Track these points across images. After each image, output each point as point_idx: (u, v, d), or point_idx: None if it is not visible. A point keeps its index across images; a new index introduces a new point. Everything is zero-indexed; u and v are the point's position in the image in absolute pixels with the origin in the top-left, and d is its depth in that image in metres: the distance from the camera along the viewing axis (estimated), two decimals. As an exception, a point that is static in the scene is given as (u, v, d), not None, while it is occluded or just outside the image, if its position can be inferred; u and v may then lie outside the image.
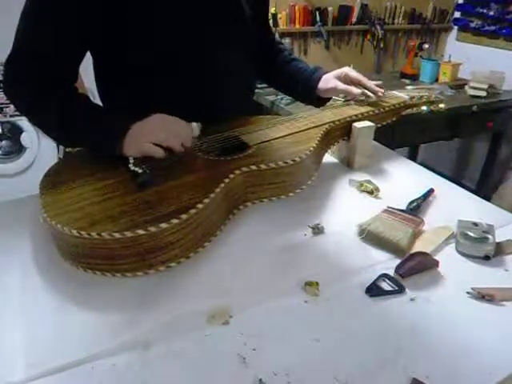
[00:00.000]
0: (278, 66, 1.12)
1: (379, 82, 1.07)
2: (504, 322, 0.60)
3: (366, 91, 1.02)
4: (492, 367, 0.53)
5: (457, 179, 2.85)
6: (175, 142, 0.76)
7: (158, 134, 0.75)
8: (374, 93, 1.03)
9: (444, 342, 0.56)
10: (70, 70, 0.83)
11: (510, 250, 0.73)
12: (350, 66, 2.28)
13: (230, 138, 0.89)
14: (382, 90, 1.04)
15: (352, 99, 1.07)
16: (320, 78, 1.05)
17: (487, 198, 2.40)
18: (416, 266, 0.67)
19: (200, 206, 0.67)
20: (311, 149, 0.85)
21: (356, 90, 1.01)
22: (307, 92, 1.08)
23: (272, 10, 2.25)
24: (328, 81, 1.04)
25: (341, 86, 1.01)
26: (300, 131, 0.92)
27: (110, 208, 0.67)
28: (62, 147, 2.10)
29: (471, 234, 0.73)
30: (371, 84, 1.03)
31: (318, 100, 1.09)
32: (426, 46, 2.46)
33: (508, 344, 0.56)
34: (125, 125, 0.76)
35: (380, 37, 2.59)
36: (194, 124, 0.81)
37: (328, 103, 1.07)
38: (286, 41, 2.32)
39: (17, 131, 2.13)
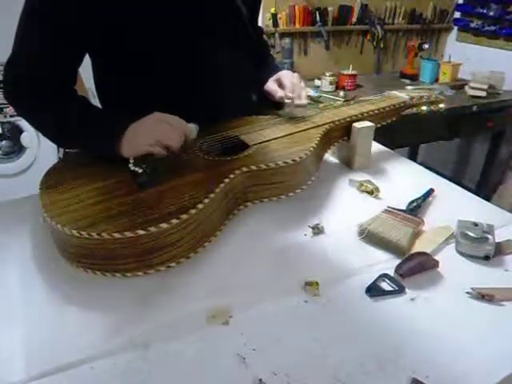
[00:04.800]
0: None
1: (304, 103, 0.96)
2: (504, 321, 0.60)
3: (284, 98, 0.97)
4: (491, 367, 0.53)
5: (457, 179, 2.85)
6: (171, 139, 0.74)
7: (154, 132, 0.74)
8: (290, 99, 0.95)
9: (444, 342, 0.56)
10: (68, 72, 0.83)
11: (509, 250, 0.73)
12: (349, 66, 2.27)
13: (230, 138, 0.89)
14: (304, 102, 0.94)
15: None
16: (266, 81, 1.03)
17: (487, 198, 2.40)
18: (416, 266, 0.67)
19: (200, 206, 0.67)
20: (311, 149, 0.85)
21: (278, 94, 0.97)
22: (262, 94, 1.06)
23: (272, 9, 2.25)
24: (267, 82, 1.03)
25: (269, 87, 1.00)
26: (300, 131, 0.92)
27: (110, 208, 0.67)
28: (62, 147, 2.11)
29: (471, 234, 0.73)
30: (291, 90, 0.95)
31: (273, 103, 1.04)
32: (426, 46, 2.46)
33: (507, 344, 0.56)
34: (122, 125, 0.75)
35: (380, 37, 2.58)
36: (192, 125, 0.80)
37: (328, 103, 1.07)
38: (286, 41, 2.31)
39: (17, 131, 2.13)
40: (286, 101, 0.97)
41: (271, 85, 1.01)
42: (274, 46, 2.26)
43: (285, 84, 0.98)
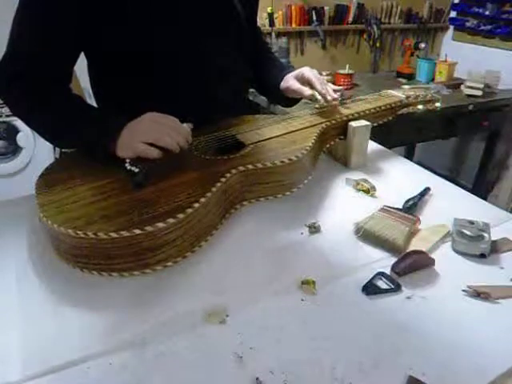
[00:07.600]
0: (258, 65, 1.10)
1: (339, 88, 1.02)
2: (499, 319, 0.60)
3: (316, 94, 0.97)
4: (487, 364, 0.53)
5: (453, 178, 2.86)
6: (168, 140, 0.74)
7: (150, 133, 0.73)
8: (323, 96, 0.96)
9: (440, 340, 0.56)
10: (63, 70, 0.83)
11: (505, 248, 0.74)
12: (346, 65, 2.27)
13: (226, 138, 0.89)
14: (335, 96, 0.97)
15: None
16: (283, 78, 1.02)
17: (483, 196, 2.41)
18: (412, 265, 0.68)
19: (197, 205, 0.67)
20: (307, 148, 0.85)
21: (307, 92, 0.97)
22: (273, 91, 1.06)
23: (268, 9, 2.25)
24: (287, 80, 1.01)
25: (294, 85, 0.98)
26: (296, 130, 0.92)
27: (107, 207, 0.67)
28: (58, 147, 2.10)
29: (467, 232, 0.73)
30: (321, 87, 0.96)
31: (287, 100, 1.06)
32: (422, 45, 2.47)
33: (503, 341, 0.56)
34: (118, 125, 0.75)
35: (376, 36, 2.59)
36: (185, 125, 0.80)
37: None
38: (283, 40, 2.32)
39: (13, 131, 2.12)
40: (318, 97, 0.97)
41: (294, 83, 0.99)
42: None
43: (313, 81, 0.97)
